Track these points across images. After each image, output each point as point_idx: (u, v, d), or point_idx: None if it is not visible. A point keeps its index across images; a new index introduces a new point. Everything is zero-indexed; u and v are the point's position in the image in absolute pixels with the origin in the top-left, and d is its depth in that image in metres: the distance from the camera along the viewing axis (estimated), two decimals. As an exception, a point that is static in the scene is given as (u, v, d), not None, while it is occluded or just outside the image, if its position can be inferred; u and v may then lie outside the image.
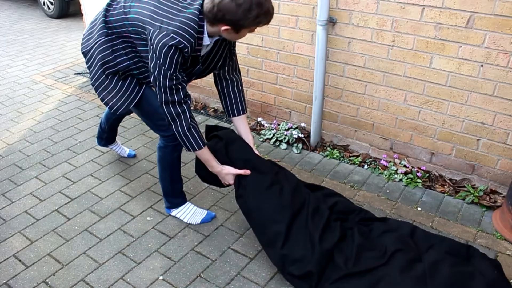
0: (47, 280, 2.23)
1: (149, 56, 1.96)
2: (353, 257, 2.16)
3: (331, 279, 2.09)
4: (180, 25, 1.89)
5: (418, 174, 2.91)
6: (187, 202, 2.65)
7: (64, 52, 5.67)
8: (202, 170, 2.40)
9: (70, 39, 6.24)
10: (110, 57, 2.15)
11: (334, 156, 3.18)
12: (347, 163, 3.13)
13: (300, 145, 3.29)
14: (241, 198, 2.31)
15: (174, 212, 2.62)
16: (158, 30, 1.88)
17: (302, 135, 3.33)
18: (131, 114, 3.36)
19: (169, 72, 1.94)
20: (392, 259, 2.14)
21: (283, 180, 2.33)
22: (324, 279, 2.11)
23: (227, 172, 2.29)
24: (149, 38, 1.92)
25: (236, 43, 3.43)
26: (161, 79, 1.96)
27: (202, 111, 3.93)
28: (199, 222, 2.58)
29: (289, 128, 3.38)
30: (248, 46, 3.42)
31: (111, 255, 2.37)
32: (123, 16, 2.05)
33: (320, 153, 3.25)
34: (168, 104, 2.03)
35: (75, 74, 4.88)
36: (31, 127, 3.77)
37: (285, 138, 3.32)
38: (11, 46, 6.03)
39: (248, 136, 2.44)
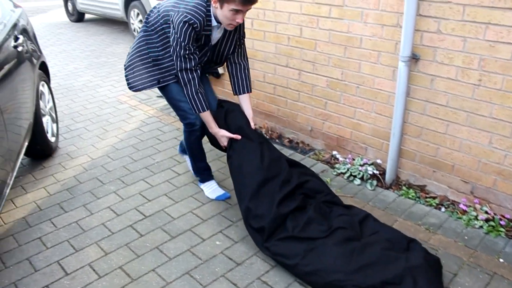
0: (117, 293, 2.30)
1: (171, 34, 2.59)
2: (300, 225, 2.53)
3: (277, 237, 2.51)
4: (191, 7, 2.51)
5: (501, 222, 2.73)
6: (212, 180, 3.20)
7: (150, 76, 5.96)
8: (210, 134, 2.88)
9: (155, 64, 6.56)
10: (144, 47, 2.82)
11: (410, 196, 3.06)
12: (423, 204, 3.00)
13: (375, 182, 3.20)
14: (230, 159, 2.79)
15: (202, 185, 3.21)
16: (176, 13, 2.51)
17: (377, 172, 3.25)
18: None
19: (183, 43, 2.53)
20: (332, 234, 2.49)
21: (266, 149, 2.78)
22: (273, 236, 2.52)
23: (222, 135, 2.79)
24: (171, 20, 2.56)
25: (312, 71, 3.46)
26: (178, 49, 2.57)
27: (277, 140, 3.96)
28: (214, 198, 3.11)
29: (364, 164, 3.31)
30: (327, 79, 3.42)
31: (179, 275, 2.41)
32: (157, 14, 2.71)
33: (395, 191, 3.14)
34: (182, 71, 2.63)
35: (157, 96, 5.11)
36: (114, 144, 3.98)
37: (359, 173, 3.26)
38: (103, 68, 6.46)
39: (248, 111, 2.93)
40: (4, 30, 3.06)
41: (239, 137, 2.77)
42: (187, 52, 2.56)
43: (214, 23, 2.60)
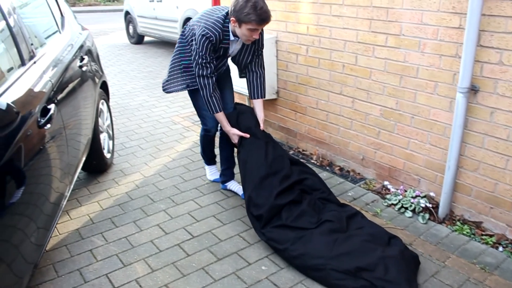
0: (162, 311, 2.32)
1: (193, 45, 2.96)
2: (293, 216, 2.85)
3: (272, 225, 2.82)
4: (210, 23, 2.88)
5: None
6: (213, 165, 3.72)
7: (203, 98, 6.10)
8: (223, 132, 3.25)
9: (209, 87, 6.71)
10: (177, 57, 3.21)
11: (464, 232, 2.94)
12: (479, 241, 2.86)
13: (427, 215, 3.10)
14: (239, 154, 3.15)
15: (205, 167, 3.76)
16: (198, 27, 2.90)
17: (430, 205, 3.14)
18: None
19: (201, 53, 2.91)
20: (320, 225, 2.78)
21: (270, 148, 3.13)
22: (269, 224, 2.83)
23: (234, 133, 3.15)
24: (194, 33, 2.94)
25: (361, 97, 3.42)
26: (196, 58, 2.94)
27: (327, 168, 3.93)
28: (211, 180, 3.70)
29: (416, 196, 3.22)
30: (381, 108, 3.38)
31: (223, 298, 2.41)
32: (189, 27, 3.08)
33: (448, 226, 3.02)
34: (199, 76, 3.00)
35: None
36: (166, 163, 4.07)
37: (411, 205, 3.16)
38: (158, 89, 6.66)
39: (260, 114, 3.29)
40: (72, 51, 3.24)
41: (248, 135, 3.14)
42: (204, 61, 2.93)
43: (231, 37, 2.97)
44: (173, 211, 3.27)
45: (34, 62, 2.51)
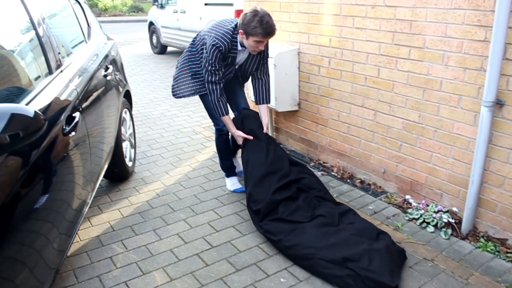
0: (180, 320, 2.31)
1: (204, 53, 3.21)
2: (289, 211, 3.05)
3: (269, 218, 3.02)
4: (220, 34, 3.13)
5: None
6: (233, 176, 3.80)
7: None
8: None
9: (231, 97, 6.74)
10: (186, 64, 3.47)
11: (488, 249, 2.87)
12: (504, 259, 2.79)
13: (449, 231, 3.04)
14: (242, 154, 3.44)
15: (226, 179, 3.83)
16: (209, 37, 3.15)
17: (453, 220, 3.08)
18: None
19: (211, 61, 3.15)
20: (313, 219, 2.98)
21: (271, 149, 3.37)
22: (266, 217, 3.03)
23: (238, 135, 3.42)
24: (205, 43, 3.20)
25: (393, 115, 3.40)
26: (206, 65, 3.19)
27: (348, 180, 3.90)
28: (231, 190, 3.73)
29: (438, 211, 3.16)
30: (404, 121, 3.35)
31: (241, 309, 2.39)
32: (199, 37, 3.37)
33: (472, 243, 2.96)
34: (208, 82, 3.25)
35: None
36: (187, 173, 4.09)
37: (433, 220, 3.11)
38: (180, 99, 6.70)
39: (264, 118, 3.56)
40: (97, 61, 3.30)
41: (251, 137, 3.39)
42: (213, 68, 3.17)
43: (239, 47, 3.21)
44: (193, 220, 3.28)
45: (61, 71, 2.57)
